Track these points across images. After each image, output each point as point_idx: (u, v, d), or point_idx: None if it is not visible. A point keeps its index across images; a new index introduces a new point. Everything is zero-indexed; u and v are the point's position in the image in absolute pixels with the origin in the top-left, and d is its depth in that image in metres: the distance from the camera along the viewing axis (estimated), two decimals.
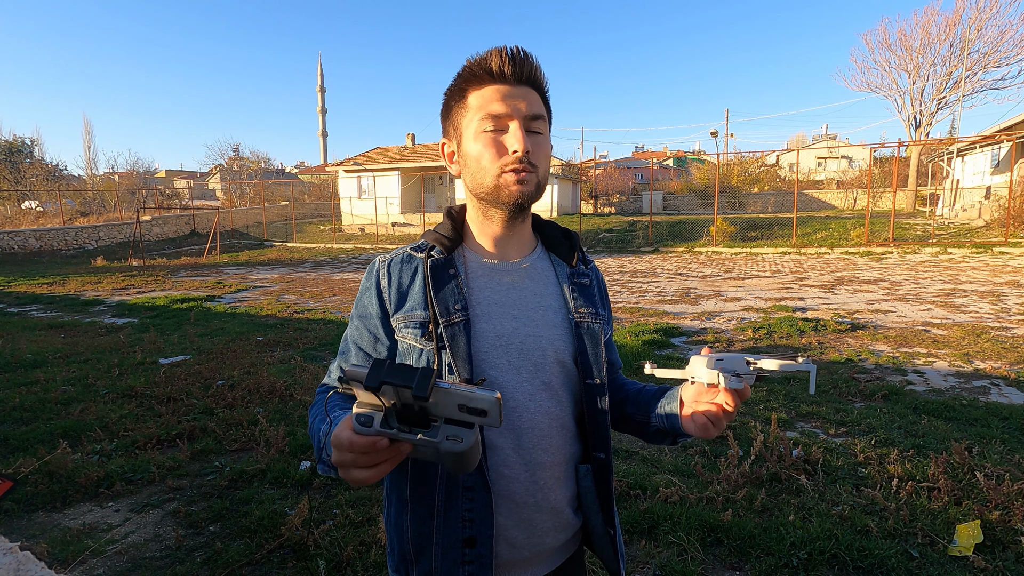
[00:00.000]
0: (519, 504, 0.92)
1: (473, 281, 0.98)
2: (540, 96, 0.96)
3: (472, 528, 0.89)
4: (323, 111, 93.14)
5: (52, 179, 36.35)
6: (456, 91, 0.96)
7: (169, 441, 3.77)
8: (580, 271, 1.05)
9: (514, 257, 1.02)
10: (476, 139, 0.93)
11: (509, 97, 0.91)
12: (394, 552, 0.98)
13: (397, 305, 0.97)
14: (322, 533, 2.62)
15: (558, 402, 0.97)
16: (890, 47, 27.17)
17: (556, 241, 1.07)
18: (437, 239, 1.00)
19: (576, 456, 1.00)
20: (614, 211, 33.11)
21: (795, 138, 57.28)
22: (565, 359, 0.98)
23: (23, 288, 12.37)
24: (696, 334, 6.87)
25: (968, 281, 10.26)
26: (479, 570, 0.89)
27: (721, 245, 17.82)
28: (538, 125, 0.94)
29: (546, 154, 0.96)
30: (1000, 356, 5.51)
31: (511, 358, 0.94)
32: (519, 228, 1.01)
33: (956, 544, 2.45)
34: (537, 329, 0.97)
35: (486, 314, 0.95)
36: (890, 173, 28.00)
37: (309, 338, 6.89)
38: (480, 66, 0.92)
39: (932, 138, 27.22)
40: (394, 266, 1.00)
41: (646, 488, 3.02)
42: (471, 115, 0.94)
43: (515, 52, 0.91)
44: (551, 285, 1.03)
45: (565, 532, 0.99)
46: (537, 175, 0.94)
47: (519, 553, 0.93)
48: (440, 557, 0.90)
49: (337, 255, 19.83)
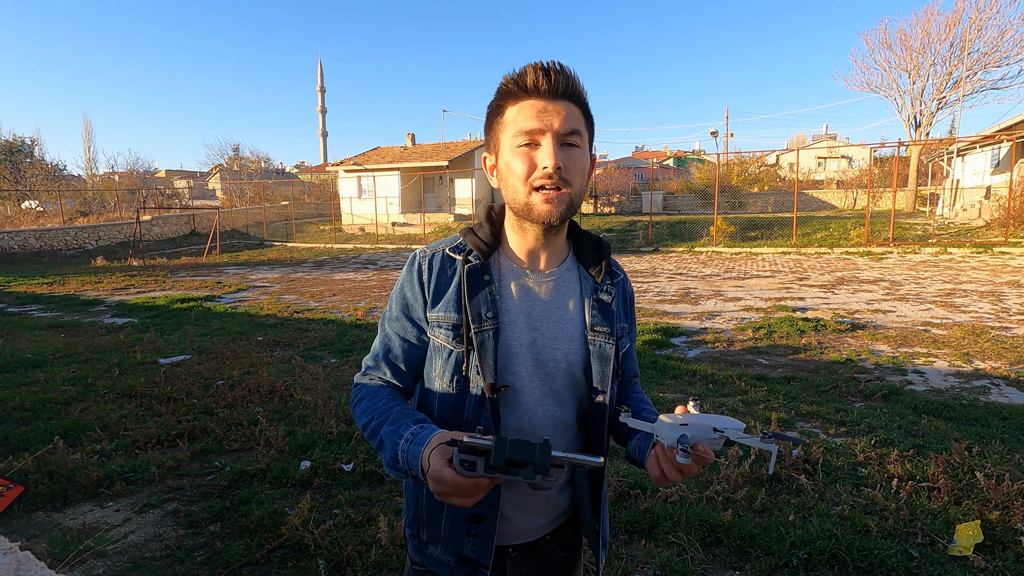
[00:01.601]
0: (518, 491, 1.03)
1: (504, 289, 1.03)
2: (580, 109, 0.96)
3: (480, 508, 0.98)
4: (323, 111, 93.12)
5: (52, 179, 36.34)
6: (495, 107, 0.99)
7: (169, 441, 3.77)
8: (604, 287, 1.08)
9: (544, 268, 1.06)
10: (511, 154, 0.96)
11: (544, 112, 0.92)
12: (409, 512, 1.10)
13: (434, 302, 1.03)
14: (322, 533, 2.61)
15: (564, 408, 1.04)
16: (890, 47, 27.15)
17: (587, 253, 1.10)
18: (476, 244, 1.03)
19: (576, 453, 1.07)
20: (614, 211, 33.10)
21: (795, 138, 57.30)
22: (575, 371, 1.04)
23: (23, 288, 12.36)
24: (696, 334, 6.87)
25: (968, 281, 10.26)
26: (482, 542, 1.00)
27: (721, 245, 17.81)
28: (574, 139, 0.94)
29: (582, 168, 0.97)
30: (1000, 356, 5.51)
31: (527, 366, 1.01)
32: (552, 241, 1.05)
33: (956, 544, 2.45)
34: (555, 341, 1.03)
35: (513, 323, 1.01)
36: (890, 173, 28.00)
37: (309, 338, 6.89)
38: (516, 82, 0.94)
39: (932, 138, 27.21)
40: (435, 262, 1.05)
41: (646, 488, 3.02)
42: (508, 130, 0.96)
43: (550, 66, 0.93)
44: (574, 299, 1.07)
45: (555, 512, 1.11)
46: (571, 192, 0.95)
47: (513, 528, 1.06)
48: (448, 526, 1.02)
49: (337, 255, 19.83)
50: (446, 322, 1.01)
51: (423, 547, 1.06)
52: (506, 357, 0.99)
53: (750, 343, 6.36)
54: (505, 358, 0.99)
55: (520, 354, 1.00)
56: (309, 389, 4.72)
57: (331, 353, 6.23)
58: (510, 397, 1.00)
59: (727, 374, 5.10)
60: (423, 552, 1.06)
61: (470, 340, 0.97)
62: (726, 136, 45.38)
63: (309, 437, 3.72)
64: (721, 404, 4.32)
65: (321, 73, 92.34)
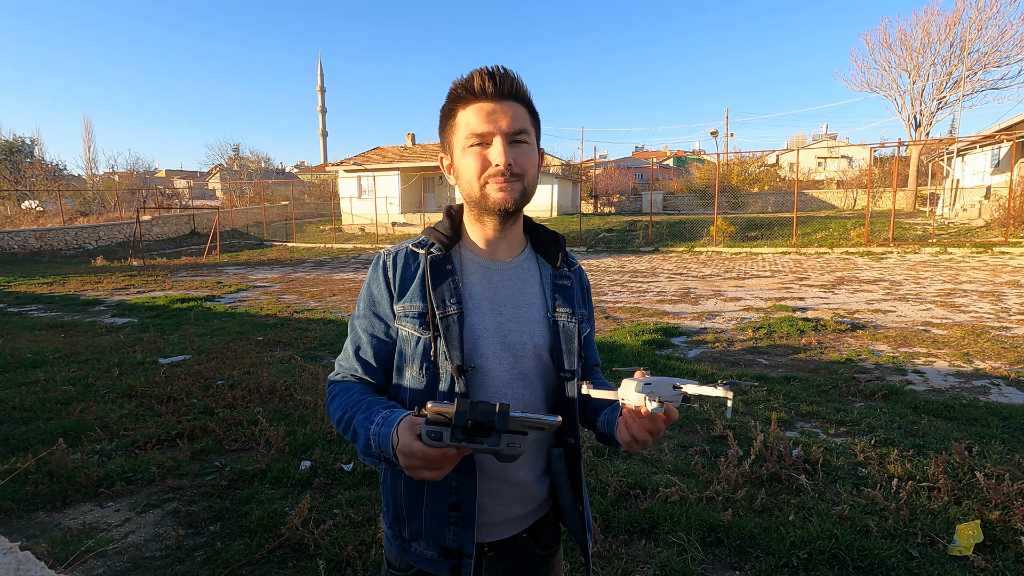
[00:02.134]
0: (490, 478, 1.05)
1: (467, 277, 1.08)
2: (525, 108, 1.04)
3: (457, 495, 1.02)
4: (323, 111, 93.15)
5: (52, 179, 36.33)
6: (447, 111, 1.06)
7: (169, 441, 3.77)
8: (563, 273, 1.15)
9: (504, 256, 1.12)
10: (464, 153, 1.03)
11: (492, 114, 1.00)
12: (389, 512, 1.12)
13: (400, 294, 1.08)
14: (322, 533, 2.61)
15: (532, 390, 1.08)
16: (890, 47, 27.16)
17: (544, 243, 1.17)
18: (437, 237, 1.10)
19: (548, 438, 1.12)
20: (614, 211, 33.10)
21: (795, 138, 57.30)
22: (542, 353, 1.09)
23: (23, 288, 12.36)
24: (696, 334, 6.87)
25: (968, 281, 10.26)
26: (462, 530, 1.02)
27: (721, 245, 17.81)
28: (522, 136, 1.02)
29: (532, 161, 1.04)
30: (1000, 356, 5.51)
31: (494, 349, 1.05)
32: (509, 231, 1.11)
33: (956, 544, 2.45)
34: (519, 325, 1.08)
35: (477, 308, 1.06)
36: (890, 173, 28.00)
37: (309, 338, 6.89)
38: (464, 87, 1.01)
39: (932, 138, 27.20)
40: (399, 258, 1.10)
41: (646, 488, 3.02)
42: (460, 132, 1.03)
43: (495, 70, 1.00)
44: (535, 284, 1.13)
45: (531, 504, 1.11)
46: (523, 183, 1.03)
47: (488, 517, 1.07)
48: (429, 518, 1.04)
49: (337, 255, 19.83)
50: (412, 311, 1.05)
51: (406, 546, 1.08)
52: (472, 340, 1.04)
53: (750, 343, 6.36)
54: (471, 341, 1.04)
55: (486, 337, 1.05)
56: (309, 389, 4.72)
57: (331, 353, 6.23)
58: (478, 380, 1.03)
59: (727, 374, 5.10)
60: (406, 551, 1.08)
61: (436, 326, 1.02)
62: (726, 136, 45.40)
63: (309, 437, 3.72)
64: (721, 404, 4.32)
65: (321, 73, 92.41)
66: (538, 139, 1.09)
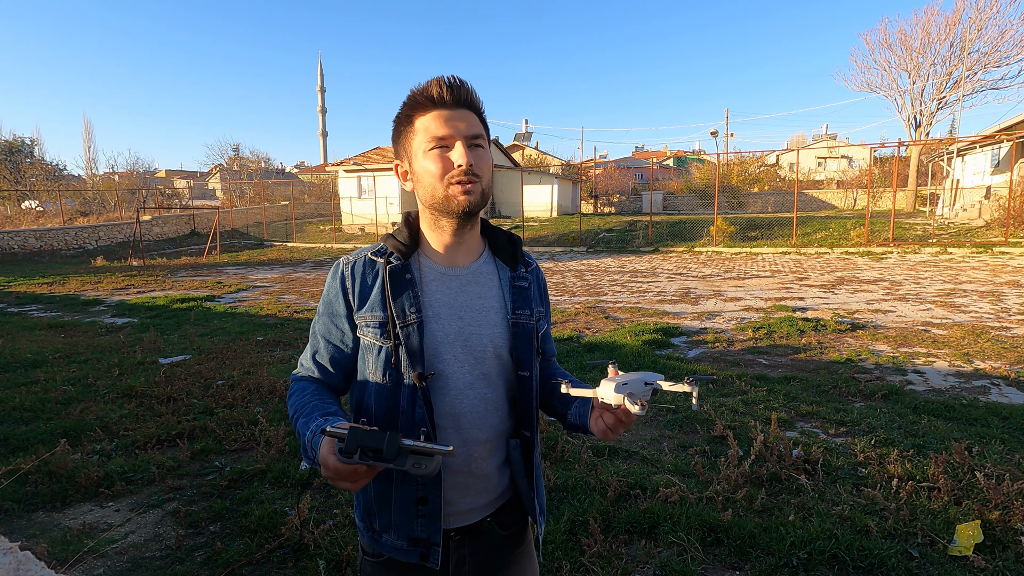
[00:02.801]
0: (455, 472, 1.10)
1: (426, 285, 1.12)
2: (478, 116, 1.10)
3: (424, 490, 1.07)
4: (323, 111, 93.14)
5: (52, 179, 36.33)
6: (404, 118, 1.10)
7: (169, 441, 3.77)
8: (520, 275, 1.20)
9: (462, 262, 1.15)
10: (425, 157, 1.06)
11: (450, 120, 1.05)
12: (360, 506, 1.17)
13: (359, 305, 1.11)
14: (322, 533, 2.62)
15: (493, 389, 1.13)
16: (890, 47, 27.16)
17: (501, 246, 1.20)
18: (396, 246, 1.13)
19: (508, 431, 1.17)
20: (614, 211, 33.11)
21: (795, 138, 57.30)
22: (502, 353, 1.13)
23: (23, 288, 12.36)
24: (696, 334, 6.87)
25: (968, 281, 10.26)
26: (429, 522, 1.08)
27: (721, 245, 17.81)
28: (479, 141, 1.08)
29: (488, 165, 1.09)
30: (1000, 356, 5.51)
31: (456, 353, 1.09)
32: (467, 235, 1.14)
33: (956, 544, 2.45)
34: (480, 328, 1.12)
35: (436, 315, 1.10)
36: (890, 173, 28.00)
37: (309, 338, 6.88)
38: (423, 94, 1.06)
39: (932, 138, 27.20)
40: (357, 268, 1.13)
41: (646, 488, 3.02)
42: (419, 137, 1.07)
43: (452, 80, 1.05)
44: (494, 288, 1.16)
45: (493, 493, 1.17)
46: (481, 184, 1.07)
47: (454, 508, 1.12)
48: (398, 512, 1.09)
49: (337, 255, 19.83)
50: (373, 321, 1.09)
51: (377, 536, 1.13)
52: (433, 347, 1.08)
53: (750, 343, 6.36)
54: (432, 348, 1.08)
55: (447, 343, 1.09)
56: None
57: None
58: (439, 384, 1.08)
59: (727, 374, 5.10)
60: (378, 541, 1.13)
61: (396, 335, 1.06)
62: (726, 136, 45.42)
63: None
64: (721, 404, 4.32)
65: (321, 73, 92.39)
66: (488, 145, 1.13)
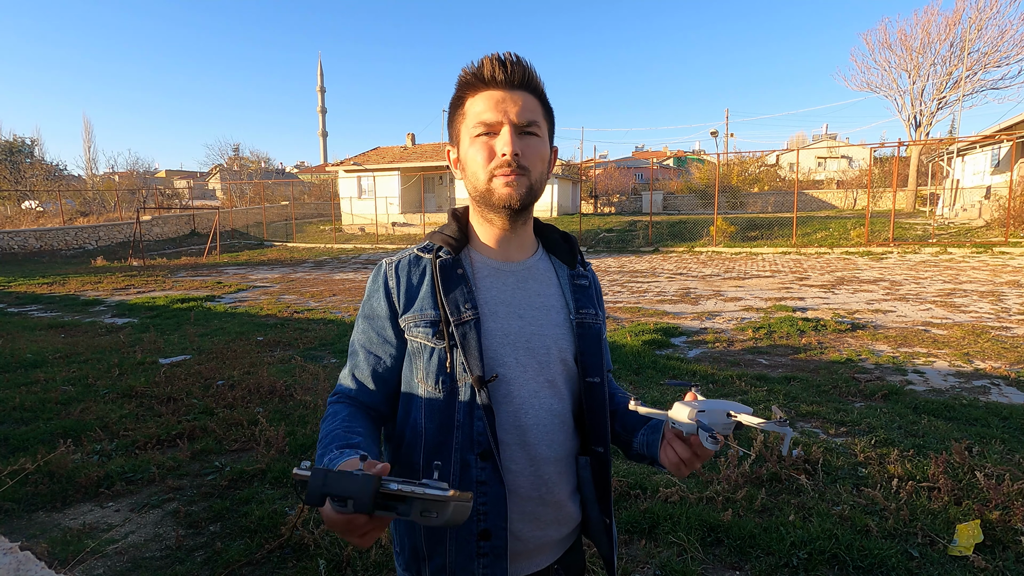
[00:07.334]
0: (524, 498, 0.94)
1: (480, 281, 0.99)
2: (537, 99, 0.97)
3: (487, 521, 0.91)
4: (323, 111, 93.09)
5: (52, 179, 36.33)
6: (456, 100, 0.99)
7: (169, 441, 3.77)
8: (580, 273, 1.08)
9: (517, 258, 1.04)
10: (471, 144, 0.96)
11: (501, 102, 0.93)
12: (404, 551, 0.98)
13: (406, 306, 0.98)
14: (322, 533, 2.61)
15: (560, 399, 0.99)
16: (890, 47, 27.17)
17: (556, 244, 1.09)
18: (444, 240, 1.01)
19: (576, 450, 1.03)
20: (614, 211, 33.10)
21: (795, 138, 57.28)
22: (567, 357, 1.00)
23: (23, 288, 12.36)
24: (696, 334, 6.87)
25: (968, 281, 10.26)
26: (494, 562, 0.90)
27: (721, 245, 17.81)
28: (532, 128, 0.95)
29: (541, 156, 0.97)
30: (1000, 356, 5.51)
31: (518, 356, 0.96)
32: (520, 230, 1.03)
33: (956, 544, 2.45)
34: (542, 328, 0.99)
35: (494, 313, 0.97)
36: (890, 173, 27.99)
37: (309, 338, 6.89)
38: (474, 74, 0.95)
39: (932, 138, 27.20)
40: (402, 268, 1.01)
41: (646, 488, 3.02)
42: (467, 121, 0.96)
43: (506, 57, 0.93)
44: (553, 286, 1.05)
45: (567, 525, 1.01)
46: (529, 178, 0.95)
47: (523, 546, 0.95)
48: (455, 552, 0.91)
49: (337, 255, 19.83)
50: (423, 320, 0.96)
51: None
52: (492, 348, 0.94)
53: (750, 343, 6.35)
54: (491, 349, 0.94)
55: (508, 344, 0.96)
56: (309, 389, 4.72)
57: (331, 353, 6.22)
58: (502, 391, 0.94)
59: (727, 374, 5.10)
60: None
61: (451, 335, 0.93)
62: (726, 136, 45.40)
63: (309, 437, 3.72)
64: None
65: (321, 73, 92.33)
66: (551, 136, 1.01)
